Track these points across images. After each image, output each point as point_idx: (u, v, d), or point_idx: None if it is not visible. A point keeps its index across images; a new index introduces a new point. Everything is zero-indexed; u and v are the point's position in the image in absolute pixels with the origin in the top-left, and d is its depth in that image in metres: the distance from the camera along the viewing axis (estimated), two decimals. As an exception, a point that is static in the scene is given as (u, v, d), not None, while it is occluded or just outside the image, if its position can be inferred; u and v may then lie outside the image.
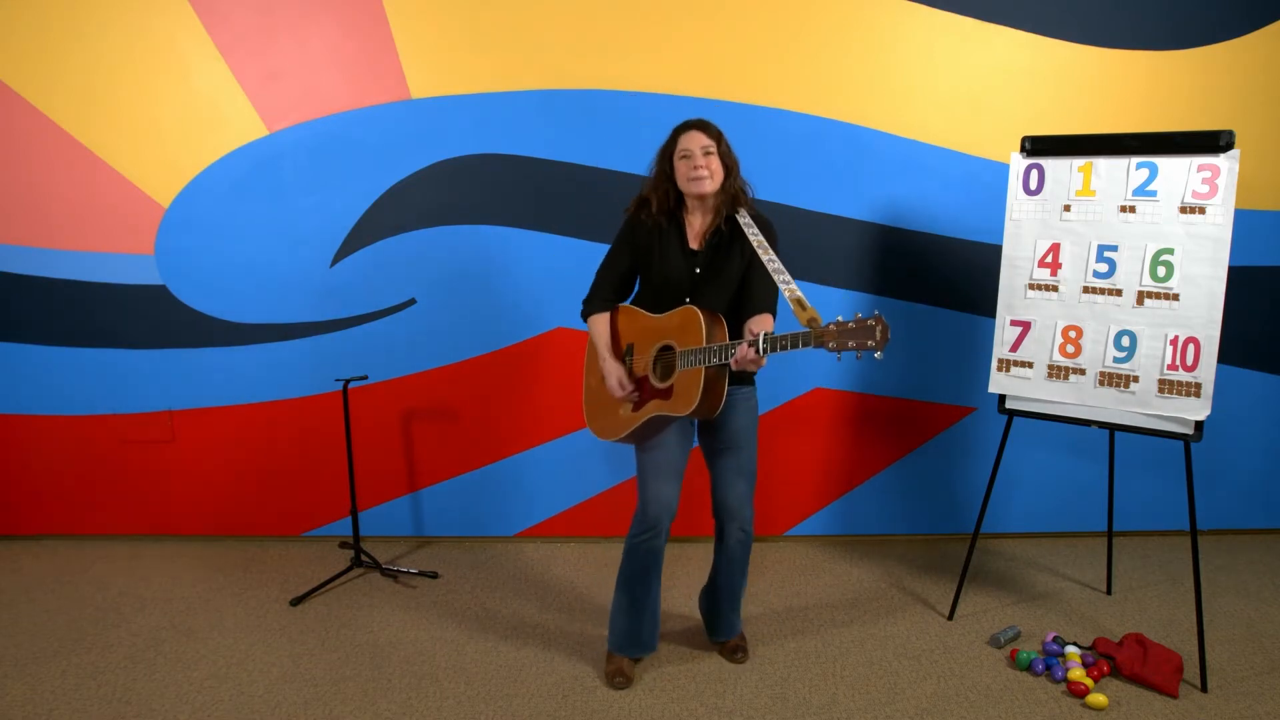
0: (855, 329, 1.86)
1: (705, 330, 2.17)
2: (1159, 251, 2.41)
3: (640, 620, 2.47)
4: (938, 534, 3.50)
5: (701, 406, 2.19)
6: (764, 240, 2.23)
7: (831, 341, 1.88)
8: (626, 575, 2.43)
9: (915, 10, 3.07)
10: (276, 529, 3.57)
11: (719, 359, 2.11)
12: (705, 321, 2.18)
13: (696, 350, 2.17)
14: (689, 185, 2.27)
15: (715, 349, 2.12)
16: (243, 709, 2.35)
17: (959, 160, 3.17)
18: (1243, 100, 3.11)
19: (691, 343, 2.19)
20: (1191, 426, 2.39)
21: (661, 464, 2.35)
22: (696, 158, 2.24)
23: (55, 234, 3.32)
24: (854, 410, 3.38)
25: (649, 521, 2.32)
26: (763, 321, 2.26)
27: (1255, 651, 2.59)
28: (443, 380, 3.36)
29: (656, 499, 2.32)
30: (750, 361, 2.03)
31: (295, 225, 3.25)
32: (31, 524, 3.61)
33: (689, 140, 2.26)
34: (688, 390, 2.20)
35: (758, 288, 2.30)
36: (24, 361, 3.43)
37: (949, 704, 2.33)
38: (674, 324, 2.27)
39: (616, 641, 2.50)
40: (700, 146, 2.25)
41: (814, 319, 1.92)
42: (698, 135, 2.26)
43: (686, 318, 2.23)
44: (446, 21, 3.09)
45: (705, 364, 2.14)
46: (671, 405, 2.25)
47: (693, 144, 2.25)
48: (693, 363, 2.18)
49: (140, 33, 3.13)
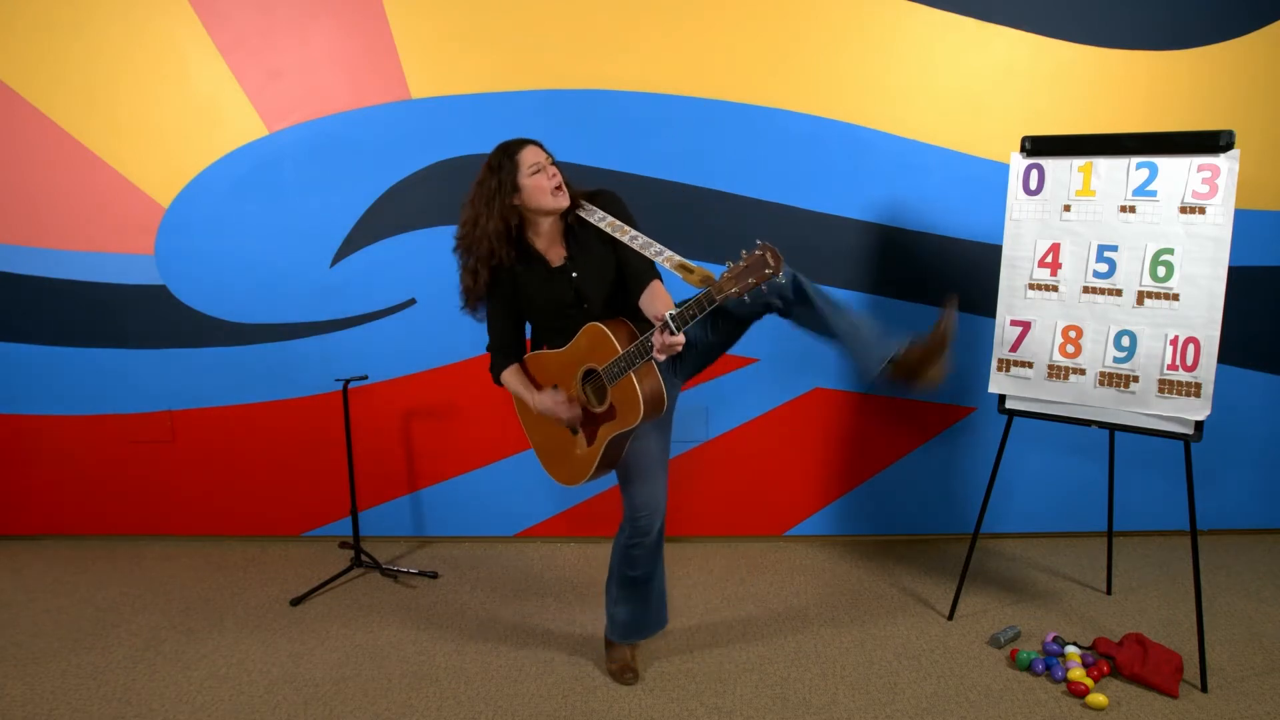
0: (747, 265, 1.83)
1: (614, 338, 2.12)
2: (1159, 251, 2.41)
3: (646, 606, 2.45)
4: (938, 534, 3.50)
5: (648, 409, 2.14)
6: (615, 220, 2.18)
7: (733, 287, 1.84)
8: (622, 574, 2.42)
9: (915, 10, 3.07)
10: (276, 529, 3.57)
11: (641, 357, 2.06)
12: (611, 330, 2.13)
13: (617, 360, 2.11)
14: (550, 199, 2.17)
15: (633, 350, 2.07)
16: (243, 709, 2.35)
17: (959, 160, 3.17)
18: (1243, 100, 3.11)
19: (608, 356, 2.14)
20: (1191, 426, 2.39)
21: (637, 466, 2.30)
22: (549, 169, 2.17)
23: (55, 234, 3.32)
24: (854, 410, 3.38)
25: (639, 528, 2.30)
26: (659, 297, 2.16)
27: (1255, 651, 2.59)
28: (443, 380, 3.36)
29: (641, 503, 2.28)
30: (670, 345, 1.96)
31: (295, 225, 3.25)
32: (31, 524, 3.61)
33: (533, 154, 2.17)
34: (628, 401, 2.14)
35: (629, 264, 2.22)
36: (24, 361, 3.43)
37: (949, 704, 2.33)
38: (583, 347, 2.21)
39: (620, 631, 2.49)
40: (545, 158, 2.18)
41: (706, 276, 1.89)
42: (535, 149, 2.19)
43: (592, 336, 2.18)
44: (446, 21, 3.09)
45: (631, 368, 2.09)
46: (621, 421, 2.19)
47: (539, 157, 2.18)
48: (619, 373, 2.12)
49: (140, 33, 3.13)
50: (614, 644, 2.53)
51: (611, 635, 2.52)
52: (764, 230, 3.19)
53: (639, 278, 2.21)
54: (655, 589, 2.46)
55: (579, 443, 2.32)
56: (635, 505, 2.30)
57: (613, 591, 2.49)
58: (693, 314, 1.93)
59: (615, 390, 2.17)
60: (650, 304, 2.15)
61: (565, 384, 2.30)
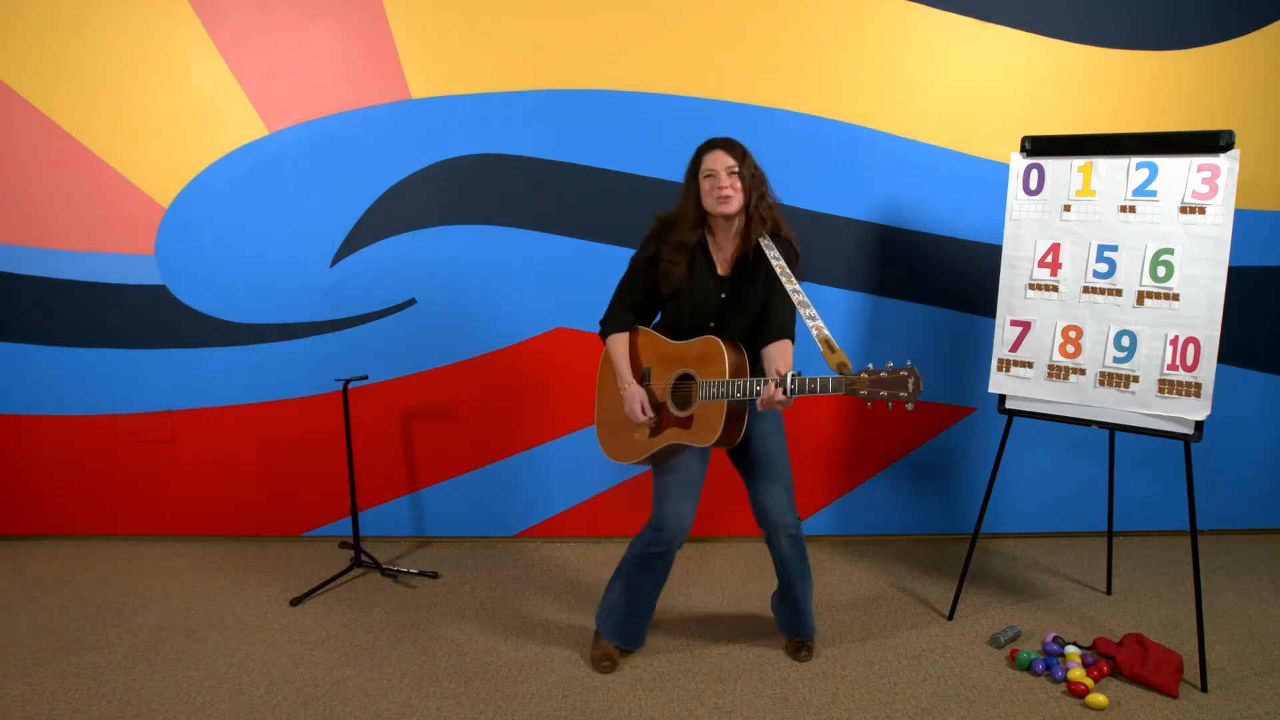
0: (888, 379, 1.85)
1: (729, 364, 2.15)
2: (1159, 251, 2.41)
3: (640, 619, 2.49)
4: (938, 534, 3.50)
5: (724, 438, 2.17)
6: (785, 266, 2.21)
7: (863, 390, 1.87)
8: (631, 576, 2.44)
9: (915, 10, 3.07)
10: (276, 529, 3.57)
11: (743, 394, 2.09)
12: (729, 354, 2.15)
13: (719, 383, 2.14)
14: (713, 205, 2.24)
15: (740, 384, 2.09)
16: (243, 709, 2.35)
17: (959, 160, 3.17)
18: (1243, 100, 3.11)
19: (713, 374, 2.17)
20: (1191, 426, 2.39)
21: (682, 484, 2.33)
22: (720, 177, 2.22)
23: (55, 234, 3.32)
24: (854, 410, 3.38)
25: (664, 538, 2.32)
26: (783, 354, 2.20)
27: (1255, 651, 2.59)
28: (443, 380, 3.36)
29: (675, 517, 2.30)
30: (775, 403, 2.00)
31: (295, 225, 3.25)
32: (31, 524, 3.61)
33: (712, 160, 2.23)
34: (709, 422, 2.18)
35: (776, 310, 2.27)
36: (24, 361, 3.43)
37: (949, 704, 2.33)
38: (695, 353, 2.25)
39: (612, 631, 2.51)
40: (724, 166, 2.22)
41: (844, 364, 1.92)
42: (721, 155, 2.23)
43: (709, 348, 2.21)
44: (446, 21, 3.09)
45: (729, 398, 2.12)
46: (691, 435, 2.24)
47: (716, 164, 2.23)
48: (715, 395, 2.15)
49: (140, 33, 3.13)
50: (601, 638, 2.54)
51: (603, 630, 2.54)
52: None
53: (776, 328, 2.26)
54: (650, 606, 2.49)
55: (641, 430, 2.37)
56: (665, 514, 2.32)
57: (615, 590, 2.51)
58: (813, 389, 1.95)
59: (703, 407, 2.21)
60: (772, 357, 2.20)
61: (660, 372, 2.34)
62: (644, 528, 2.40)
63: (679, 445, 2.30)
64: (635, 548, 2.42)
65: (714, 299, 2.30)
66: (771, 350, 2.22)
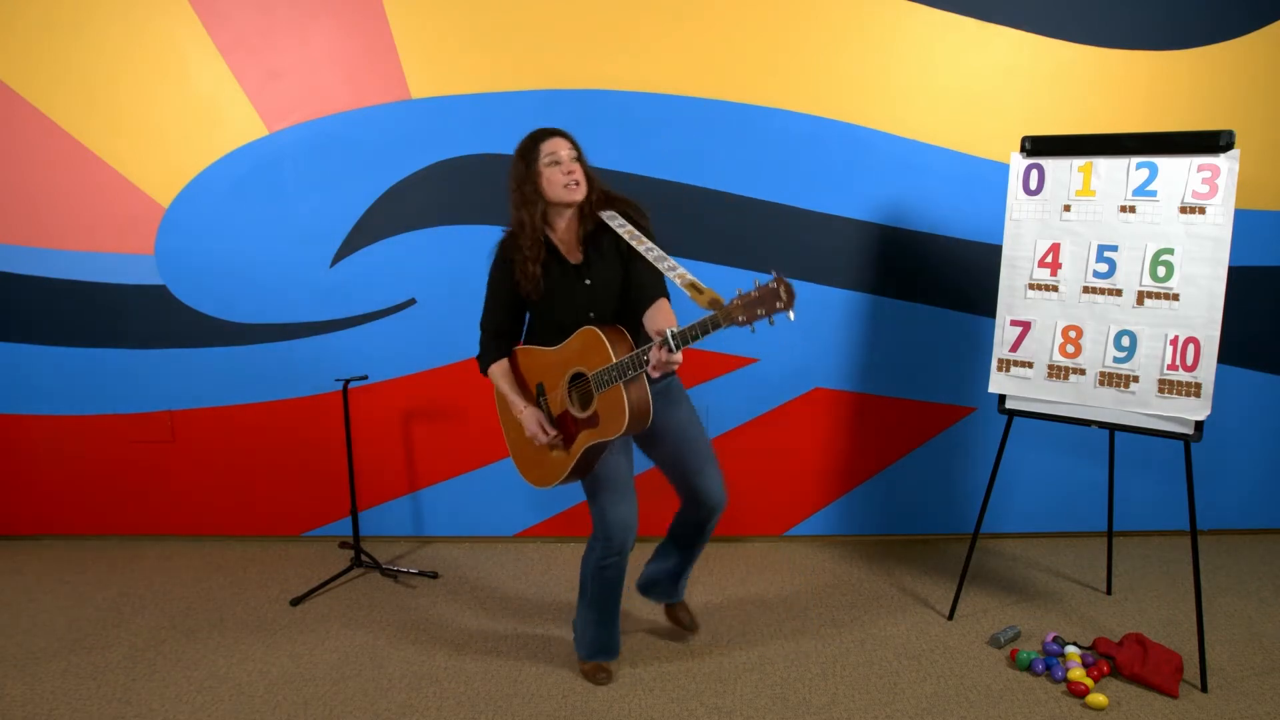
0: (759, 296, 1.78)
1: (610, 346, 2.09)
2: (1159, 251, 2.41)
3: (611, 631, 2.46)
4: (938, 534, 3.50)
5: (632, 423, 2.11)
6: (634, 230, 2.16)
7: (740, 315, 1.80)
8: (595, 596, 2.40)
9: (915, 10, 3.07)
10: (276, 529, 3.57)
11: (634, 369, 2.03)
12: (607, 337, 2.10)
13: (609, 368, 2.08)
14: (565, 193, 2.18)
15: (628, 361, 2.04)
16: (243, 709, 2.35)
17: (959, 160, 3.17)
18: (1243, 100, 3.11)
19: (600, 363, 2.11)
20: (1191, 426, 2.39)
21: (616, 487, 2.28)
22: (567, 163, 2.18)
23: (55, 234, 3.32)
24: (854, 410, 3.38)
25: (615, 548, 2.28)
26: (663, 313, 2.15)
27: (1255, 651, 2.59)
28: (443, 380, 3.36)
29: (619, 525, 2.26)
30: (667, 363, 1.94)
31: (295, 225, 3.25)
32: (31, 524, 3.61)
33: (555, 145, 2.18)
34: (613, 411, 2.12)
35: (640, 275, 2.21)
36: (24, 361, 3.43)
37: (949, 704, 2.33)
38: (576, 350, 2.19)
39: (589, 651, 2.48)
40: (568, 152, 2.19)
41: (715, 299, 1.85)
42: (562, 141, 2.20)
43: (588, 339, 2.15)
44: (446, 21, 3.09)
45: (623, 379, 2.06)
46: (603, 430, 2.17)
47: (561, 150, 2.18)
48: (609, 382, 2.10)
49: (140, 33, 3.13)
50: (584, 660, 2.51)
51: (582, 653, 2.50)
52: (763, 229, 3.20)
53: (647, 291, 2.20)
54: (617, 615, 2.46)
55: (555, 446, 2.31)
56: (609, 523, 2.27)
57: (582, 612, 2.47)
58: (695, 335, 1.90)
59: (602, 399, 2.15)
60: (654, 320, 2.13)
61: (553, 383, 2.28)
62: (591, 543, 2.35)
63: (597, 447, 2.23)
64: (590, 565, 2.37)
65: (579, 289, 2.23)
66: (652, 313, 2.16)
